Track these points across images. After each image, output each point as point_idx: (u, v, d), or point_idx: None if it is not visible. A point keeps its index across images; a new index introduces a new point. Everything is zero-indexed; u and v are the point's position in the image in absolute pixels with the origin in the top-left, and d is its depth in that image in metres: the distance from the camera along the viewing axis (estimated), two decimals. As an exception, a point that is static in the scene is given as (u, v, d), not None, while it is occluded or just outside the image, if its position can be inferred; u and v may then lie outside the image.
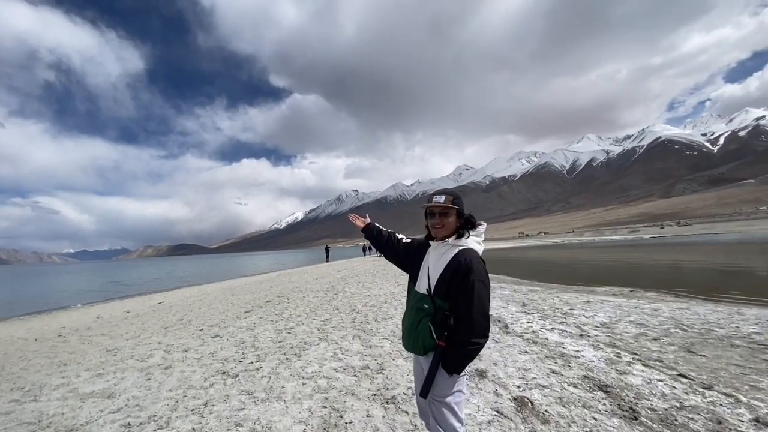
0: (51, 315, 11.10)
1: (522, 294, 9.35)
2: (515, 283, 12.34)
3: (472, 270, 1.76)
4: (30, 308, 13.92)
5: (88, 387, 3.74)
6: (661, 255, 23.29)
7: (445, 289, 1.81)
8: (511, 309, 7.46)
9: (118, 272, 54.40)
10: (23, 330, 8.08)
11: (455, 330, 1.76)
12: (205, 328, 6.43)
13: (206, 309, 8.89)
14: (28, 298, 20.23)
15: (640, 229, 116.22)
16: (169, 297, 13.51)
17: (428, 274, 1.91)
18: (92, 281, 34.75)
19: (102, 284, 29.06)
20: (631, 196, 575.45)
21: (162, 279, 30.56)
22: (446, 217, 1.90)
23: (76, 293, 21.61)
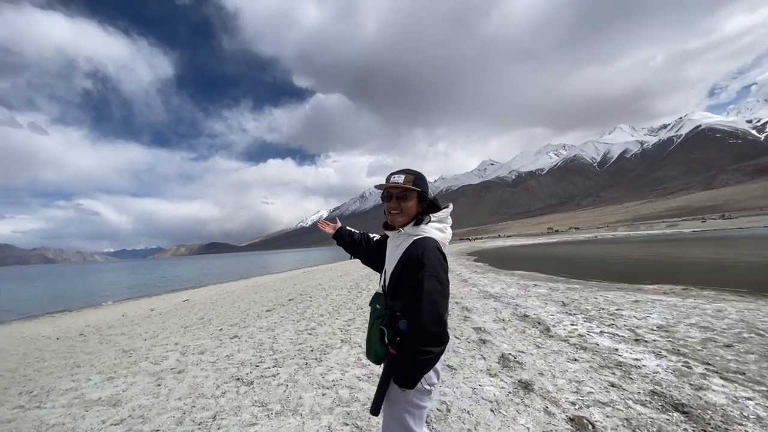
0: (81, 313, 11.34)
1: (560, 292, 8.65)
2: (550, 280, 11.57)
3: (422, 264, 1.44)
4: (66, 305, 14.41)
5: (96, 393, 3.50)
6: (706, 250, 21.60)
7: (397, 287, 1.53)
8: (551, 309, 6.82)
9: (152, 270, 56.59)
10: (50, 328, 8.19)
11: (406, 335, 1.46)
12: (224, 328, 6.19)
13: (228, 307, 8.73)
14: (67, 295, 21.11)
15: (679, 223, 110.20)
16: (195, 295, 13.59)
17: (384, 272, 1.66)
18: (127, 279, 36.15)
19: (136, 282, 30.11)
20: (668, 188, 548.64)
21: (191, 277, 31.37)
22: (405, 200, 1.57)
23: (111, 291, 22.39)
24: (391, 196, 1.60)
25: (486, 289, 9.46)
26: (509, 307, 7.13)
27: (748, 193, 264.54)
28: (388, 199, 1.61)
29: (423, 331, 1.39)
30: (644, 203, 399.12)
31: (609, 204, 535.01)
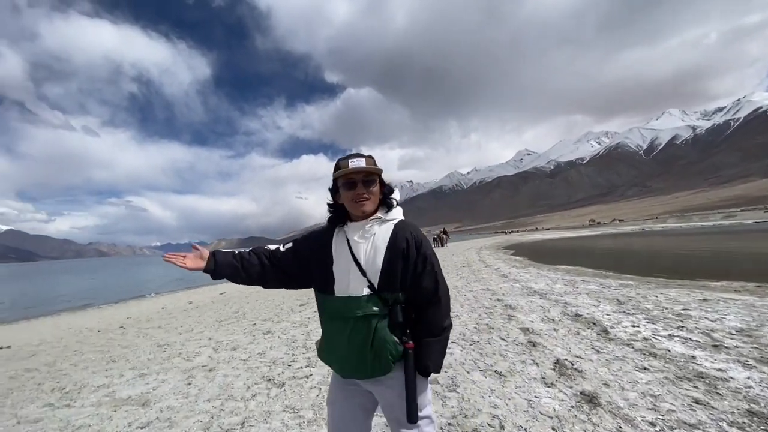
0: (126, 304, 11.85)
1: (613, 289, 7.92)
2: (599, 276, 10.73)
3: (423, 244, 1.40)
4: (114, 297, 15.21)
5: (127, 391, 3.41)
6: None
7: (396, 279, 1.36)
8: (605, 308, 6.20)
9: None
10: (95, 320, 8.52)
11: (422, 321, 1.39)
12: (257, 323, 6.08)
13: (263, 301, 8.70)
14: (116, 287, 22.41)
15: (738, 214, 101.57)
16: (232, 287, 13.84)
17: (359, 267, 1.37)
18: (171, 272, 38.07)
19: (178, 275, 31.58)
20: (724, 176, 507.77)
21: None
22: (371, 185, 1.41)
23: (155, 283, 23.52)
24: (354, 183, 1.38)
25: (529, 285, 8.87)
26: (557, 305, 6.56)
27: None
28: (351, 186, 1.39)
29: (444, 308, 1.41)
30: (697, 193, 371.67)
31: (657, 194, 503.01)
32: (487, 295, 7.62)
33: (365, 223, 1.41)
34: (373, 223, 1.42)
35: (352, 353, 1.33)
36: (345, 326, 1.35)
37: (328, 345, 1.44)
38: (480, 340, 4.56)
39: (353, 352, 1.33)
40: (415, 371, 1.33)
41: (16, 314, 12.29)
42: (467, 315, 5.97)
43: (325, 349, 1.46)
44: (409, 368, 1.32)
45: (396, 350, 1.32)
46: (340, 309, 1.36)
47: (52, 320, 9.33)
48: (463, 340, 4.57)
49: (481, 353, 4.06)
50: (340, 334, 1.36)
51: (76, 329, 7.28)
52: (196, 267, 1.45)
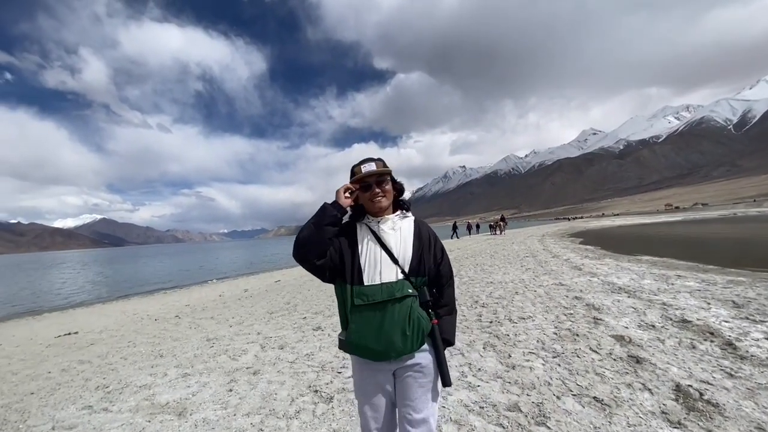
0: (189, 290, 12.38)
1: (721, 287, 6.55)
2: (696, 269, 9.14)
3: (436, 236, 1.68)
4: (180, 281, 16.21)
5: (167, 395, 3.15)
6: None
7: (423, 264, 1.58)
8: (719, 312, 5.02)
9: (257, 250, 62.86)
10: (157, 306, 8.84)
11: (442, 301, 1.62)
12: (308, 317, 5.75)
13: (315, 291, 8.46)
14: (185, 272, 24.04)
15: None
16: (287, 275, 13.99)
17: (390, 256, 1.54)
18: (236, 257, 40.44)
19: (242, 261, 33.36)
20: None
21: (286, 257, 33.64)
22: (384, 184, 1.59)
23: (220, 268, 24.92)
24: (369, 185, 1.58)
25: (610, 279, 7.70)
26: (654, 306, 5.47)
27: None
28: (367, 188, 1.58)
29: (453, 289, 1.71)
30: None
31: (749, 174, 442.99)
32: (562, 292, 6.66)
33: (393, 217, 1.63)
34: (398, 218, 1.64)
35: (394, 333, 1.43)
36: (381, 311, 1.45)
37: (360, 334, 1.48)
38: (565, 351, 3.76)
39: (396, 332, 1.43)
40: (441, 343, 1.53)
41: (99, 296, 13.45)
42: (542, 316, 5.14)
43: (354, 339, 1.49)
44: (437, 340, 1.52)
45: (427, 326, 1.49)
46: (375, 295, 1.47)
47: (122, 305, 9.93)
48: (543, 350, 3.79)
49: (570, 370, 3.29)
50: (376, 320, 1.45)
51: (138, 316, 7.56)
52: (351, 202, 1.62)
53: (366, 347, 1.48)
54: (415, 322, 1.45)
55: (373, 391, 1.55)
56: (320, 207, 1.56)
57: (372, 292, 1.47)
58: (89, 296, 13.71)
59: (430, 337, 1.51)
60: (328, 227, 1.54)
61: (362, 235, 1.60)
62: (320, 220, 1.52)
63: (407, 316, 1.44)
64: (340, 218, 1.57)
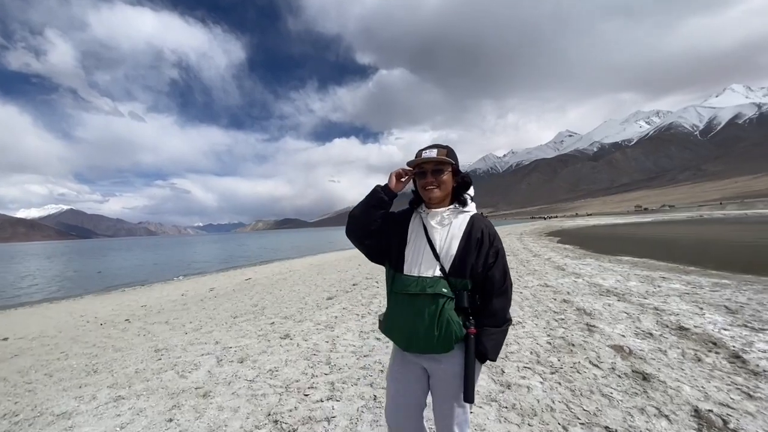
0: (150, 288, 11.43)
1: (708, 290, 6.38)
2: (677, 270, 9.06)
3: (496, 238, 1.51)
4: (144, 278, 15.13)
5: (88, 427, 2.52)
6: None
7: (467, 266, 1.44)
8: (715, 318, 4.77)
9: (232, 244, 61.05)
10: (110, 307, 7.99)
11: (487, 311, 1.46)
12: (276, 322, 5.16)
13: (287, 291, 7.84)
14: (153, 266, 22.76)
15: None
16: (259, 272, 13.22)
17: (432, 251, 1.47)
18: (209, 252, 38.91)
19: (214, 256, 32.06)
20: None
21: (262, 252, 32.53)
22: (440, 174, 1.49)
23: (189, 264, 23.71)
24: (425, 172, 1.50)
25: (595, 281, 7.45)
26: (646, 311, 5.18)
27: None
28: (422, 175, 1.51)
29: (508, 301, 1.49)
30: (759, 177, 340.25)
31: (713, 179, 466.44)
32: (549, 294, 6.33)
33: (443, 211, 1.52)
34: (451, 213, 1.52)
35: (419, 328, 1.39)
36: (412, 303, 1.43)
37: (392, 319, 1.51)
38: (563, 365, 3.35)
39: (420, 327, 1.39)
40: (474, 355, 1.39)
41: (49, 294, 12.31)
42: (532, 322, 4.75)
43: (388, 323, 1.54)
44: (470, 351, 1.38)
45: (460, 332, 1.38)
46: (409, 287, 1.44)
47: (70, 305, 8.95)
48: (539, 364, 3.37)
49: (572, 390, 2.87)
50: (406, 309, 1.44)
51: (84, 319, 6.71)
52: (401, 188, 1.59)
53: (393, 333, 1.52)
54: (443, 324, 1.38)
55: (400, 378, 1.54)
56: (372, 188, 1.55)
57: (407, 283, 1.46)
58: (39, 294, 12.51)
59: (462, 344, 1.41)
60: (374, 209, 1.53)
61: (414, 224, 1.56)
62: (368, 200, 1.54)
63: (436, 315, 1.38)
64: (387, 202, 1.55)
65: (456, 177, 1.54)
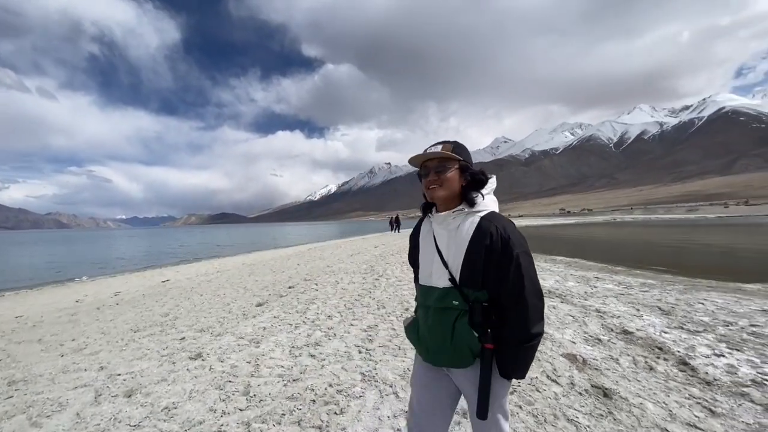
0: (40, 292, 9.52)
1: (639, 291, 6.61)
2: (607, 270, 9.53)
3: (510, 240, 1.25)
4: (41, 278, 12.80)
5: None
6: (761, 238, 19.27)
7: (478, 275, 1.26)
8: (653, 320, 4.82)
9: (159, 239, 55.68)
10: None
11: (506, 324, 1.27)
12: (189, 336, 4.27)
13: (210, 296, 6.82)
14: (55, 264, 19.62)
15: (700, 208, 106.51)
16: (181, 272, 11.74)
17: (441, 258, 1.34)
18: (129, 248, 34.92)
19: (135, 252, 28.75)
20: (684, 172, 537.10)
21: (191, 248, 29.82)
22: (444, 172, 1.33)
23: (101, 261, 20.84)
24: (428, 170, 1.35)
25: (538, 281, 7.44)
26: (589, 313, 5.14)
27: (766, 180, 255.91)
28: (425, 174, 1.36)
29: (532, 312, 1.24)
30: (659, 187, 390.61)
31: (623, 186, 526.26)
32: (495, 296, 6.13)
33: (448, 215, 1.36)
34: (457, 215, 1.35)
35: (436, 341, 1.33)
36: (426, 314, 1.37)
37: (414, 327, 1.45)
38: (520, 382, 2.99)
39: (437, 340, 1.33)
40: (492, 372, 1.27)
41: None
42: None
43: (411, 330, 1.47)
44: (485, 368, 1.26)
45: (475, 347, 1.26)
46: (423, 296, 1.40)
47: None
48: (496, 383, 2.97)
49: (535, 414, 2.50)
50: (424, 321, 1.39)
51: None
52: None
53: (414, 343, 1.45)
54: (457, 339, 1.28)
55: (424, 384, 1.43)
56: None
57: (422, 293, 1.42)
58: None
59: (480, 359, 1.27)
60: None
61: (423, 230, 1.48)
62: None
63: (450, 329, 1.29)
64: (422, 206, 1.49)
65: (464, 174, 1.35)
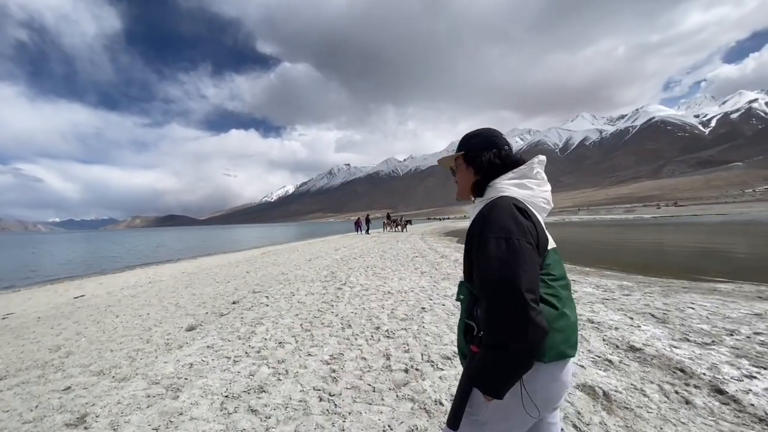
0: None
1: (621, 295, 6.18)
2: (576, 271, 9.22)
3: (487, 223, 1.05)
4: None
5: None
6: (699, 237, 20.49)
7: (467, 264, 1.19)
8: (654, 331, 4.31)
9: (92, 244, 50.41)
10: None
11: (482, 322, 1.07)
12: (78, 384, 3.05)
13: (128, 317, 5.46)
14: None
15: (637, 209, 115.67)
16: (105, 284, 9.96)
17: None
18: (54, 254, 30.93)
19: (59, 259, 25.36)
20: (620, 176, 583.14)
21: (128, 254, 26.85)
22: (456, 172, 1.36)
23: (13, 270, 17.92)
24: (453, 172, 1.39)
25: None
26: (584, 325, 4.54)
27: (690, 184, 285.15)
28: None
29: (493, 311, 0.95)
30: (598, 190, 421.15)
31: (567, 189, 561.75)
32: (475, 307, 5.39)
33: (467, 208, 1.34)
34: (471, 208, 1.29)
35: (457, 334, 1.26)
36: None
37: None
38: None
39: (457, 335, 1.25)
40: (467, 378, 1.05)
41: None
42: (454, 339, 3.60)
43: None
44: (464, 372, 1.07)
45: (465, 347, 1.14)
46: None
47: None
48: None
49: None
50: None
51: None
52: None
53: None
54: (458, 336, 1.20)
55: None
56: None
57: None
58: None
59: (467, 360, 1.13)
60: None
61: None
62: None
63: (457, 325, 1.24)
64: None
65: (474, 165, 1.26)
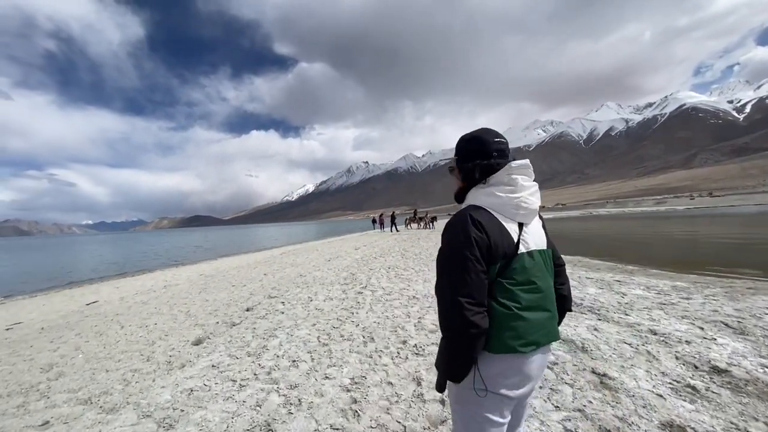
0: None
1: (678, 298, 5.42)
2: (618, 270, 8.40)
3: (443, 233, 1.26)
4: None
5: None
6: (746, 229, 18.90)
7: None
8: (735, 346, 3.61)
9: (122, 245, 52.03)
10: None
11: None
12: (59, 417, 2.62)
13: (134, 328, 5.11)
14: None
15: (668, 201, 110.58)
16: (121, 288, 9.82)
17: None
18: (85, 257, 31.90)
19: (88, 261, 26.04)
20: (649, 167, 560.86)
21: (153, 255, 27.31)
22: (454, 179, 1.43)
23: (37, 274, 18.32)
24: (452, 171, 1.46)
25: (554, 289, 6.15)
26: (647, 338, 3.84)
27: (724, 173, 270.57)
28: None
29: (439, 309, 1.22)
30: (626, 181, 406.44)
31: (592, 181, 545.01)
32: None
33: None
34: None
35: None
36: None
37: None
38: None
39: None
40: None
41: None
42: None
43: None
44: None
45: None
46: None
47: None
48: None
49: None
50: None
51: None
52: None
53: None
54: None
55: None
56: None
57: None
58: None
59: None
60: None
61: None
62: None
63: None
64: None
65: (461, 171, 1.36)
